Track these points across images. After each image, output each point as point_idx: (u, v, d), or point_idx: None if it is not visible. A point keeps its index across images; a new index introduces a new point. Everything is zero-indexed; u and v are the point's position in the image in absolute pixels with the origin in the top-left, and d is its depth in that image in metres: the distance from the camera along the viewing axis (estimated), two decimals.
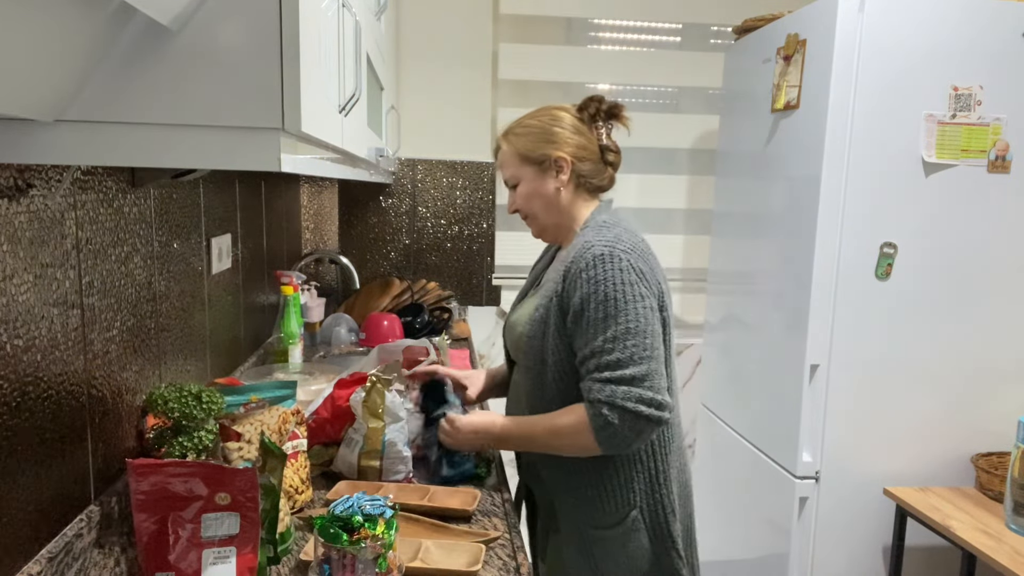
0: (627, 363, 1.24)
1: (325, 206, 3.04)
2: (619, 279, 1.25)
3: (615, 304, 1.24)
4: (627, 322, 1.24)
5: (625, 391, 1.23)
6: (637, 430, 1.24)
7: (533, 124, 1.41)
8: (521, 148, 1.40)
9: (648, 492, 1.35)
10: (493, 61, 3.05)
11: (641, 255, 1.30)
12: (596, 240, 1.29)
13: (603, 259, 1.26)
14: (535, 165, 1.39)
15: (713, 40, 3.15)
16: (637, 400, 1.23)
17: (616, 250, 1.27)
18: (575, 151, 1.39)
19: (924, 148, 2.04)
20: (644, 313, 1.25)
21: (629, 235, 1.33)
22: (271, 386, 1.35)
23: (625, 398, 1.23)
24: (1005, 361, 2.15)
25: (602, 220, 1.37)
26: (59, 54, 0.65)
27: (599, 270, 1.26)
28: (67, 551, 0.98)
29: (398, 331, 2.52)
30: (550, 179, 1.39)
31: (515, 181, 1.43)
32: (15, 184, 0.89)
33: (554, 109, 1.43)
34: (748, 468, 2.45)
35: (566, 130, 1.39)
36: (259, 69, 0.74)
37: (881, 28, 1.98)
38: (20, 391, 0.90)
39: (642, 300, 1.26)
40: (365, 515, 0.96)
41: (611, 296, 1.25)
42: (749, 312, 2.49)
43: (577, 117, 1.41)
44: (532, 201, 1.42)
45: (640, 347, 1.24)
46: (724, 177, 2.73)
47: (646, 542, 1.35)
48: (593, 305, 1.26)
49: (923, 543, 2.17)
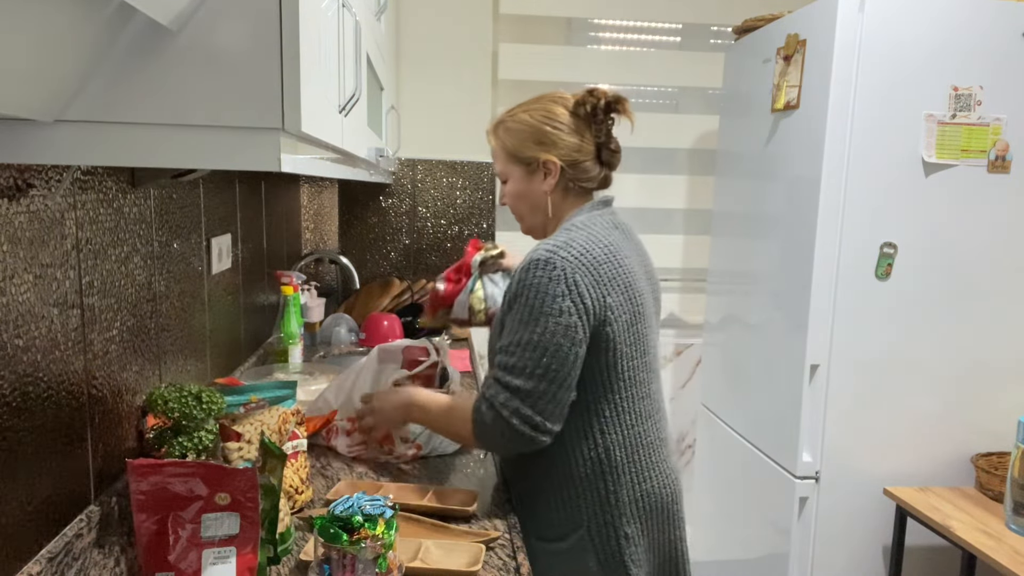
0: (519, 372, 1.21)
1: (325, 206, 3.04)
2: (544, 288, 1.20)
3: (531, 311, 1.21)
4: (533, 333, 1.20)
5: (507, 398, 1.21)
6: (507, 437, 1.22)
7: (525, 121, 1.34)
8: (510, 147, 1.35)
9: (597, 512, 1.29)
10: (493, 61, 3.05)
11: (588, 265, 1.23)
12: (544, 244, 1.25)
13: (538, 264, 1.22)
14: (524, 165, 1.35)
15: (713, 40, 3.15)
16: (512, 412, 1.21)
17: (556, 257, 1.21)
18: (567, 153, 1.32)
19: (924, 148, 2.04)
20: (554, 330, 1.19)
21: (586, 241, 1.25)
22: (271, 386, 1.35)
23: (504, 405, 1.21)
24: (1005, 361, 2.15)
25: (576, 222, 1.31)
26: (59, 54, 0.65)
27: (530, 274, 1.22)
28: (67, 551, 0.98)
29: (398, 331, 2.52)
30: (537, 181, 1.35)
31: (503, 178, 1.40)
32: (15, 184, 0.89)
33: (550, 103, 1.35)
34: (748, 468, 2.45)
35: (560, 130, 1.32)
36: (259, 69, 0.74)
37: (881, 28, 1.98)
38: (20, 391, 0.90)
39: (558, 316, 1.20)
40: (365, 515, 0.96)
41: (530, 302, 1.21)
42: (749, 312, 2.49)
43: (573, 113, 1.33)
44: (519, 201, 1.39)
45: (534, 363, 1.20)
46: (724, 177, 2.73)
47: (594, 566, 1.29)
48: (517, 307, 1.23)
49: (923, 543, 2.17)
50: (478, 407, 1.25)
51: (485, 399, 1.24)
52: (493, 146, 1.40)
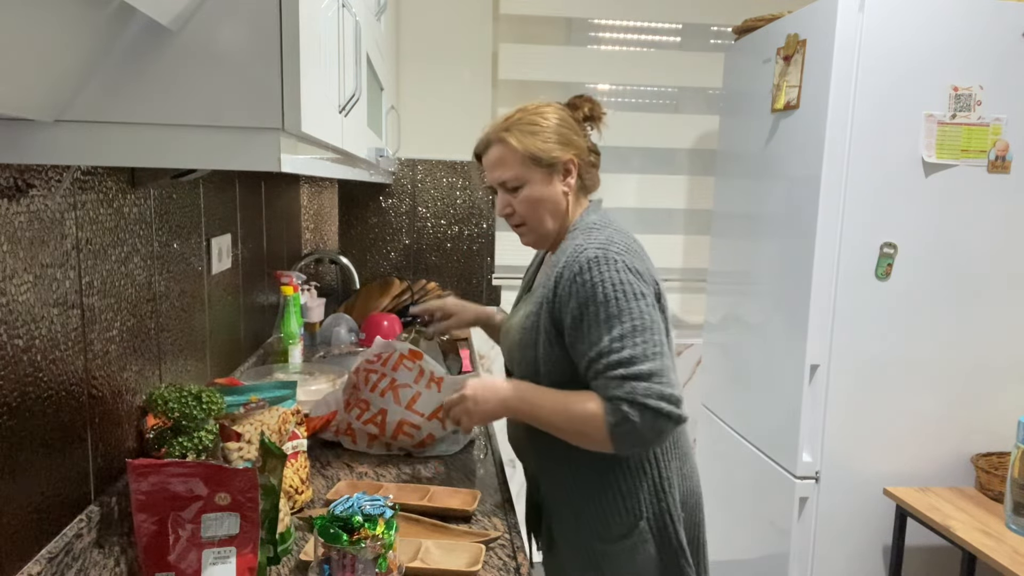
0: (640, 359, 1.17)
1: (325, 206, 3.04)
2: (616, 279, 1.20)
3: (616, 304, 1.19)
4: (631, 320, 1.18)
5: (646, 387, 1.16)
6: (658, 429, 1.16)
7: (540, 122, 1.32)
8: (533, 149, 1.30)
9: (654, 501, 1.31)
10: (493, 61, 3.05)
11: (635, 255, 1.26)
12: (588, 243, 1.24)
13: (597, 262, 1.21)
14: (544, 168, 1.31)
15: (713, 40, 3.15)
16: (659, 396, 1.16)
17: (610, 252, 1.22)
18: (580, 152, 1.34)
19: (924, 148, 2.04)
20: (647, 310, 1.20)
21: (621, 236, 1.29)
22: (271, 386, 1.35)
23: (647, 395, 1.15)
24: (1005, 361, 2.15)
25: (591, 221, 1.32)
26: (59, 54, 0.65)
27: (594, 273, 1.20)
28: (67, 551, 0.98)
29: (398, 331, 2.52)
30: (557, 183, 1.33)
31: (517, 183, 1.33)
32: (15, 184, 0.89)
33: (546, 107, 1.35)
34: (748, 468, 2.45)
35: (570, 130, 1.34)
36: (259, 69, 0.74)
37: (881, 28, 1.98)
38: (20, 391, 0.90)
39: (644, 297, 1.21)
40: (365, 515, 0.96)
41: (611, 296, 1.19)
42: (749, 312, 2.49)
43: (573, 117, 1.36)
44: (538, 207, 1.33)
45: (650, 343, 1.18)
46: (724, 177, 2.73)
47: (654, 552, 1.31)
48: (592, 308, 1.20)
49: (923, 543, 2.17)
50: (616, 410, 1.16)
51: (621, 399, 1.16)
52: (504, 149, 1.32)
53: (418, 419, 1.55)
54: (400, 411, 1.55)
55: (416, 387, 1.57)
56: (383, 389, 1.57)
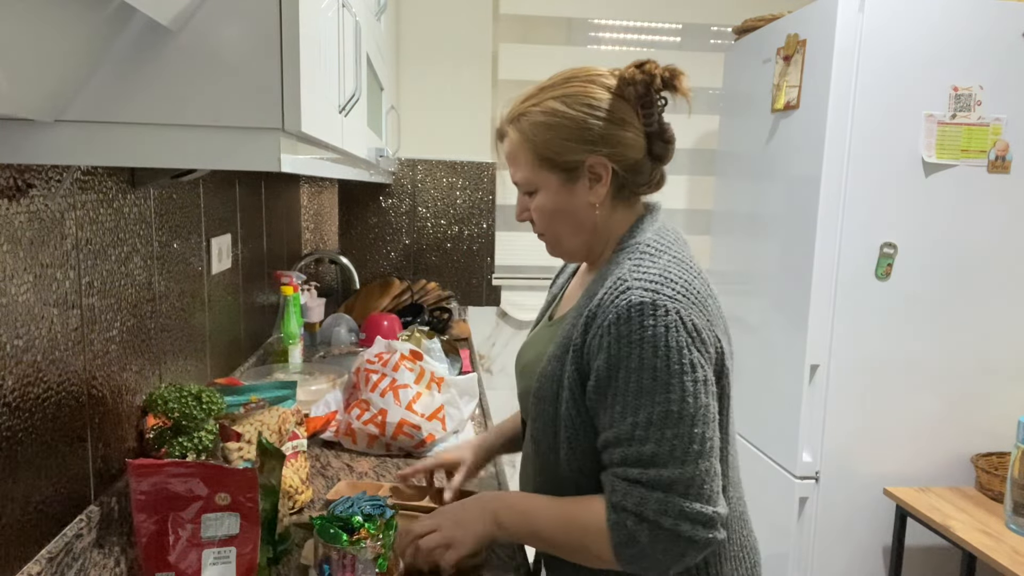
0: (665, 460, 0.90)
1: (325, 206, 3.04)
2: (662, 339, 0.90)
3: (653, 375, 0.90)
4: (668, 403, 0.90)
5: (660, 500, 0.89)
6: (675, 554, 0.91)
7: (559, 111, 0.99)
8: (543, 147, 1.00)
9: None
10: (493, 61, 3.05)
11: (697, 300, 0.94)
12: (634, 278, 0.93)
13: (642, 310, 0.90)
14: (562, 172, 1.01)
15: (713, 40, 3.15)
16: (677, 515, 0.89)
17: (660, 297, 0.91)
18: (616, 150, 1.00)
19: (924, 148, 2.04)
20: (694, 391, 0.90)
21: (681, 269, 0.96)
22: (271, 386, 1.35)
23: (661, 511, 0.89)
24: (1005, 361, 2.15)
25: (645, 241, 1.00)
26: (59, 54, 0.65)
27: (634, 325, 0.90)
28: (67, 551, 0.98)
29: (398, 331, 2.52)
30: (582, 191, 1.01)
31: (529, 188, 1.04)
32: (15, 184, 0.89)
33: (587, 84, 1.01)
34: (748, 468, 2.45)
35: (608, 120, 0.99)
36: (259, 69, 0.74)
37: (881, 28, 1.98)
38: (20, 391, 0.90)
39: (691, 372, 0.90)
40: (365, 515, 0.96)
41: (648, 363, 0.90)
42: (749, 312, 2.49)
43: (620, 96, 1.00)
44: (555, 220, 1.04)
45: (686, 439, 0.90)
46: (724, 177, 2.73)
47: None
48: (623, 373, 0.91)
49: (923, 543, 2.17)
50: (619, 523, 0.91)
51: (627, 512, 0.91)
52: (512, 145, 1.04)
53: (418, 419, 1.55)
54: (400, 411, 1.55)
55: (416, 387, 1.57)
56: (383, 389, 1.57)
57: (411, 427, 1.55)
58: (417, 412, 1.55)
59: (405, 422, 1.54)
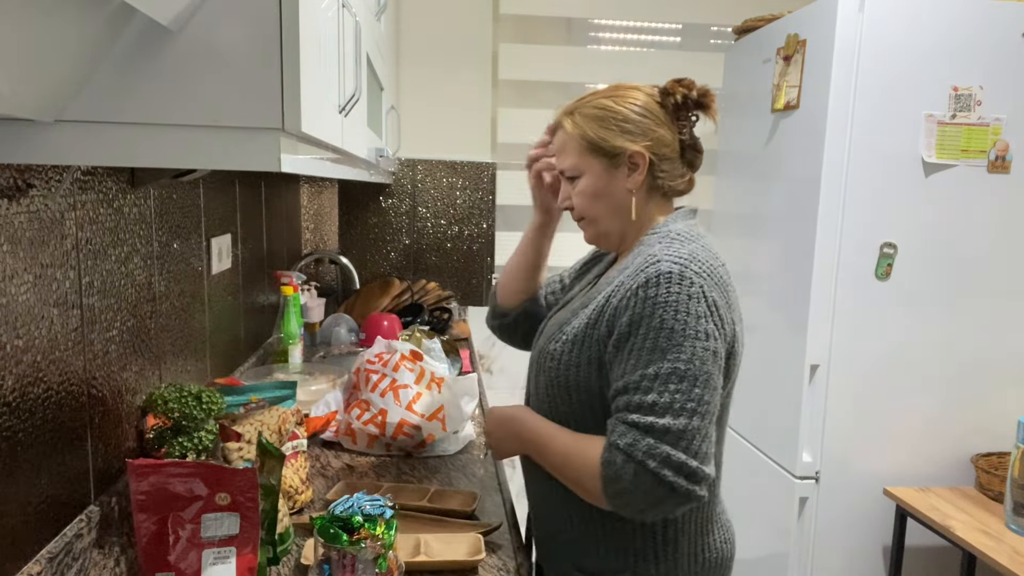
0: (663, 411, 0.97)
1: (325, 206, 3.04)
2: (684, 306, 0.99)
3: (670, 336, 0.99)
4: (678, 362, 0.98)
5: (650, 445, 0.97)
6: (654, 498, 0.98)
7: (609, 106, 1.14)
8: (592, 134, 1.14)
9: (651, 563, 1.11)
10: (493, 61, 3.05)
11: (719, 283, 1.05)
12: (665, 254, 1.04)
13: (669, 278, 1.00)
14: (605, 158, 1.14)
15: (713, 40, 3.15)
16: (662, 461, 0.96)
17: (688, 270, 1.01)
18: (655, 145, 1.14)
19: (924, 148, 2.04)
20: (703, 356, 0.99)
21: (707, 255, 1.07)
22: (271, 386, 1.35)
23: (649, 454, 0.96)
24: (1005, 361, 2.15)
25: (676, 231, 1.12)
26: (59, 54, 0.65)
27: (661, 290, 1.00)
28: (67, 551, 0.98)
29: (398, 331, 2.52)
30: (621, 178, 1.14)
31: (575, 173, 1.17)
32: (15, 184, 0.89)
33: (632, 90, 1.17)
34: (748, 468, 2.45)
35: (648, 119, 1.14)
36: (259, 69, 0.74)
37: (881, 28, 1.98)
38: (20, 391, 0.90)
39: (704, 340, 1.00)
40: (365, 515, 0.96)
41: (668, 324, 0.99)
42: (749, 312, 2.48)
43: (659, 103, 1.16)
44: (595, 202, 1.16)
45: (686, 396, 0.98)
46: (724, 177, 2.73)
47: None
48: (643, 331, 1.00)
49: (923, 543, 2.17)
50: (610, 460, 0.99)
51: (619, 450, 0.99)
52: (564, 134, 1.18)
53: (418, 419, 1.55)
54: (400, 411, 1.55)
55: (416, 387, 1.58)
56: (383, 389, 1.57)
57: (411, 427, 1.55)
58: (417, 412, 1.55)
59: (405, 422, 1.54)
